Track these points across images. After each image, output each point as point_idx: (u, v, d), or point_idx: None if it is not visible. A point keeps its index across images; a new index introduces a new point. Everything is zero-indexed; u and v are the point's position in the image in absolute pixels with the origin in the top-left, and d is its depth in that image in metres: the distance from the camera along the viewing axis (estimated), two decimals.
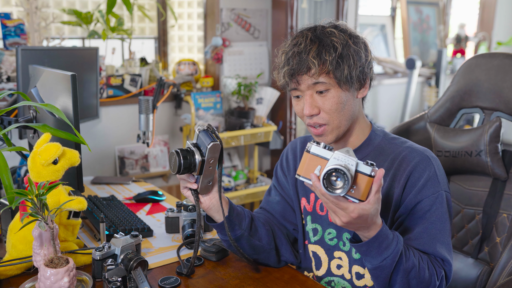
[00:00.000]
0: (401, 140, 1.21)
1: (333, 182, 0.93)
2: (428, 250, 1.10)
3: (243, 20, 3.27)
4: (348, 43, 1.11)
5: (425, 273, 1.06)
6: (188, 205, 1.44)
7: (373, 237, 1.00)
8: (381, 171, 0.93)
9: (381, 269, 1.03)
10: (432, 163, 1.15)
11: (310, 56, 1.09)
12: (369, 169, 0.94)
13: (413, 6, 4.66)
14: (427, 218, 1.11)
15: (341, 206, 0.95)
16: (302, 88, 1.13)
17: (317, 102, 1.12)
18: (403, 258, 1.04)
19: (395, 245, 1.02)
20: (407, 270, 1.04)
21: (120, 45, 3.20)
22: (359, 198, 0.94)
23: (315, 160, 0.97)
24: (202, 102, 3.09)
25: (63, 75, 1.37)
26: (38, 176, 1.19)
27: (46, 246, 1.08)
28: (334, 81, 1.10)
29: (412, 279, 1.05)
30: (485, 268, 1.31)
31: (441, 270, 1.09)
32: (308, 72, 1.10)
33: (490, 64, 1.37)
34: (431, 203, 1.12)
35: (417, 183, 1.13)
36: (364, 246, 1.02)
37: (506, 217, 1.30)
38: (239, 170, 3.34)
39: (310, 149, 0.98)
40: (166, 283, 1.17)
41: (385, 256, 1.02)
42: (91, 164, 2.83)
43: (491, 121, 1.34)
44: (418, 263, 1.06)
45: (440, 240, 1.11)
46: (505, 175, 1.31)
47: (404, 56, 4.60)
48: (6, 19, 2.52)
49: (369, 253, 1.02)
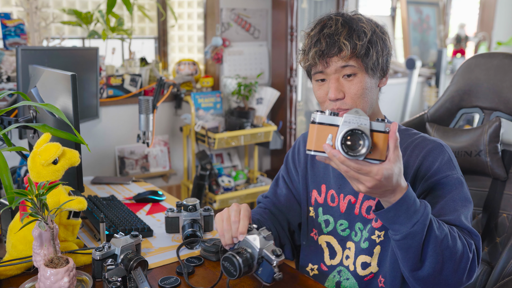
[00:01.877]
0: (413, 131, 1.21)
1: (351, 147, 0.86)
2: (454, 222, 1.04)
3: (243, 20, 3.27)
4: (376, 31, 1.13)
5: (457, 243, 0.99)
6: (188, 205, 1.44)
7: (400, 199, 0.93)
8: (395, 124, 0.88)
9: (412, 236, 0.96)
10: (446, 150, 1.13)
11: (342, 38, 1.09)
12: (382, 125, 0.88)
13: (413, 6, 4.66)
14: (449, 195, 1.08)
15: (364, 171, 0.88)
16: (329, 71, 1.12)
17: (343, 87, 1.12)
18: (433, 224, 0.97)
19: (424, 208, 0.96)
20: (439, 239, 0.97)
21: (120, 45, 3.20)
22: (379, 158, 0.87)
23: (324, 130, 0.89)
24: (202, 102, 3.09)
25: (63, 75, 1.38)
26: (38, 176, 1.19)
27: (46, 246, 1.08)
28: (362, 66, 1.11)
29: (445, 250, 0.97)
30: (485, 268, 1.31)
31: (471, 241, 1.03)
32: (339, 54, 1.09)
33: (490, 64, 1.37)
34: (451, 183, 1.09)
35: (432, 166, 1.10)
36: (392, 210, 0.95)
37: (506, 217, 1.30)
38: (239, 170, 3.34)
39: (316, 119, 0.90)
40: (166, 283, 1.17)
41: (415, 220, 0.95)
42: (91, 164, 2.83)
43: (490, 121, 1.34)
44: (449, 232, 0.99)
45: (465, 215, 1.06)
46: (505, 175, 1.31)
47: (404, 56, 4.60)
48: (6, 19, 2.52)
49: (397, 219, 0.95)
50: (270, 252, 0.99)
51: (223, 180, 3.16)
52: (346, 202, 1.23)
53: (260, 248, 1.00)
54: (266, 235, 1.03)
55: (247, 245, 1.02)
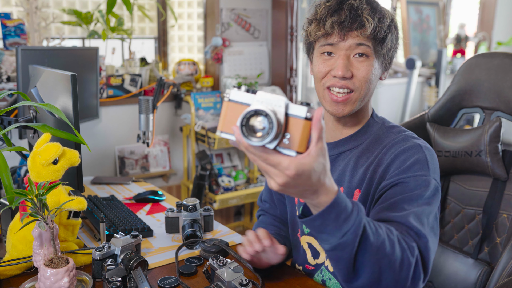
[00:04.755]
0: (399, 129, 1.15)
1: (255, 129, 0.72)
2: (400, 220, 0.94)
3: (243, 20, 3.27)
4: (394, 20, 1.09)
5: (395, 249, 0.86)
6: (188, 205, 1.44)
7: (328, 206, 0.79)
8: (319, 110, 0.73)
9: (342, 247, 0.83)
10: (423, 150, 1.05)
11: (365, 14, 1.03)
12: (304, 109, 0.73)
13: (413, 6, 4.66)
14: (408, 194, 0.99)
15: (272, 162, 0.73)
16: (342, 46, 1.06)
17: (352, 66, 1.07)
18: (368, 231, 0.83)
19: (356, 214, 0.82)
20: (375, 247, 0.84)
21: (120, 45, 3.20)
22: (295, 149, 0.73)
23: (237, 109, 0.75)
24: (202, 102, 3.09)
25: (63, 75, 1.37)
26: (38, 176, 1.19)
27: (46, 246, 1.08)
28: (376, 50, 1.06)
29: (383, 258, 0.85)
30: (485, 268, 1.31)
31: (413, 244, 0.90)
32: (360, 30, 1.04)
33: (490, 63, 1.37)
34: (416, 183, 1.00)
35: (403, 164, 1.03)
36: (319, 219, 0.80)
37: (506, 218, 1.30)
38: (239, 170, 3.34)
39: (229, 96, 0.76)
40: (165, 283, 1.17)
41: (346, 229, 0.81)
42: (91, 164, 2.83)
43: (491, 121, 1.33)
44: (387, 236, 0.87)
45: (416, 214, 0.95)
46: (505, 175, 1.31)
47: (404, 56, 4.60)
48: (6, 19, 2.52)
49: (325, 228, 0.81)
50: (237, 284, 1.05)
51: (223, 180, 3.15)
52: None
53: (228, 280, 1.06)
54: (233, 267, 1.09)
55: (218, 280, 1.09)
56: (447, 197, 1.44)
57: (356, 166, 1.13)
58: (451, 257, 1.39)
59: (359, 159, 1.14)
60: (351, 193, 1.13)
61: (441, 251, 1.42)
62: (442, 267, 1.41)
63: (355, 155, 1.15)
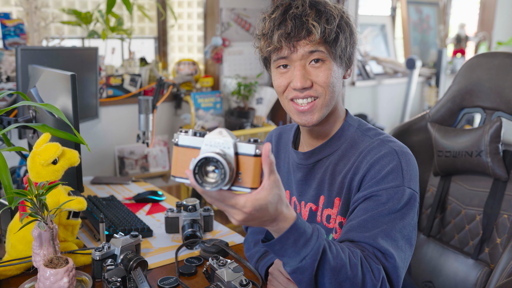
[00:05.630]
0: (375, 132, 1.11)
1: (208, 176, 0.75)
2: (368, 241, 0.95)
3: (243, 20, 3.27)
4: (344, 17, 1.04)
5: (358, 272, 0.89)
6: (188, 205, 1.44)
7: (286, 231, 0.82)
8: (267, 145, 0.75)
9: (301, 271, 0.86)
10: (398, 156, 1.03)
11: (310, 20, 0.99)
12: (252, 147, 0.75)
13: (413, 6, 4.66)
14: (378, 209, 0.98)
15: (229, 203, 0.76)
16: (295, 57, 1.03)
17: (310, 74, 1.03)
18: (327, 255, 0.86)
19: (315, 240, 0.85)
20: (336, 270, 0.87)
21: (120, 45, 3.20)
22: (249, 186, 0.76)
23: (187, 153, 0.77)
24: (202, 102, 3.08)
25: (63, 75, 1.37)
26: (37, 176, 1.19)
27: (45, 246, 1.08)
28: (330, 53, 1.02)
29: (344, 281, 0.88)
30: (485, 269, 1.31)
31: (379, 266, 0.92)
32: (308, 37, 1.00)
33: (491, 63, 1.37)
34: (388, 196, 0.99)
35: (378, 175, 1.01)
36: (278, 243, 0.83)
37: (506, 218, 1.29)
38: None
39: (178, 141, 0.79)
40: (165, 283, 1.16)
41: (304, 254, 0.84)
42: (90, 164, 2.82)
43: (491, 121, 1.33)
44: (349, 260, 0.89)
45: (385, 232, 0.96)
46: (506, 176, 1.31)
47: (404, 56, 4.60)
48: (5, 19, 2.52)
49: (285, 253, 0.84)
50: (237, 284, 1.05)
51: None
52: (308, 209, 1.17)
53: (228, 281, 1.06)
54: (233, 268, 1.09)
55: (218, 280, 1.08)
56: (448, 197, 1.44)
57: (334, 174, 1.11)
58: (451, 258, 1.39)
59: (336, 166, 1.11)
60: (332, 202, 1.11)
61: (441, 251, 1.42)
62: (442, 267, 1.41)
63: (332, 162, 1.12)
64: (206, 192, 0.76)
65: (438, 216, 1.46)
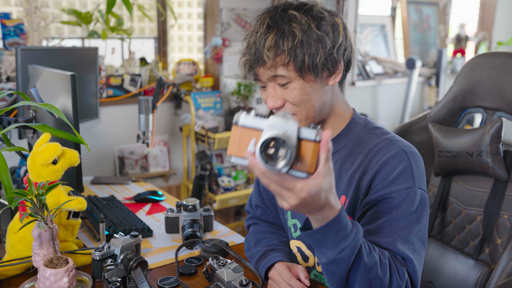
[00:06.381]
0: (382, 130, 1.11)
1: (273, 156, 0.74)
2: (387, 246, 0.97)
3: (243, 20, 3.27)
4: (310, 28, 0.99)
5: (387, 272, 0.91)
6: (188, 205, 1.44)
7: (330, 221, 0.82)
8: (327, 132, 0.76)
9: (337, 263, 0.87)
10: (408, 157, 1.03)
11: (265, 48, 0.99)
12: (313, 132, 0.76)
13: (413, 6, 4.66)
14: (393, 213, 0.99)
15: (287, 186, 0.76)
16: (264, 80, 1.05)
17: (281, 94, 1.04)
18: (363, 251, 0.88)
19: (355, 233, 0.86)
20: (368, 267, 0.89)
21: (120, 45, 3.20)
22: (306, 170, 0.76)
23: (248, 134, 0.77)
24: (202, 102, 3.08)
25: (63, 75, 1.37)
26: (37, 176, 1.19)
27: (45, 246, 1.08)
28: (294, 73, 1.00)
29: (374, 279, 0.90)
30: (485, 269, 1.31)
31: (403, 269, 0.95)
32: (264, 66, 1.01)
33: (492, 63, 1.37)
34: (401, 198, 1.00)
35: (388, 176, 1.01)
36: (319, 233, 0.84)
37: (507, 219, 1.29)
38: (239, 170, 3.34)
39: (238, 121, 0.78)
40: (165, 283, 1.16)
41: (344, 246, 0.85)
42: (90, 164, 2.82)
43: (492, 121, 1.33)
44: (379, 259, 0.91)
45: (402, 237, 0.98)
46: (506, 176, 1.31)
47: (404, 56, 4.60)
48: (5, 19, 2.52)
49: (324, 243, 0.85)
50: (237, 284, 1.05)
51: (223, 180, 3.15)
52: None
53: (228, 281, 1.06)
54: (233, 268, 1.10)
55: (218, 280, 1.09)
56: (449, 198, 1.44)
57: (341, 172, 1.11)
58: (451, 258, 1.39)
59: (343, 164, 1.11)
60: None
61: (442, 251, 1.41)
62: (442, 267, 1.41)
63: (339, 160, 1.12)
64: (266, 173, 0.75)
65: (439, 217, 1.46)
